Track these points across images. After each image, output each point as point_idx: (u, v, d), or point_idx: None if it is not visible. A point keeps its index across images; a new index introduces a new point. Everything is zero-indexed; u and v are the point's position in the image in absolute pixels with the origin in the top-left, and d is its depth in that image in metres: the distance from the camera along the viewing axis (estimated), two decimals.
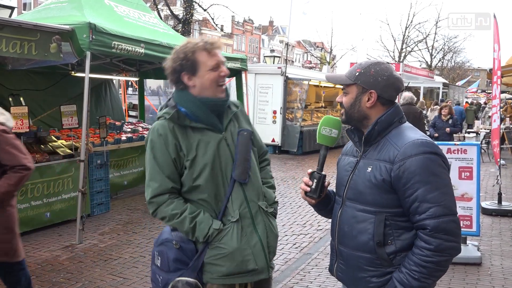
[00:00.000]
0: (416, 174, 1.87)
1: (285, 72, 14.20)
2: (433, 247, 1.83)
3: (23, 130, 5.86)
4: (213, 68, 2.26)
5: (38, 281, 4.52)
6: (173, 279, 2.23)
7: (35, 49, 5.17)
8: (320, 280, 4.77)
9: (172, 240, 2.28)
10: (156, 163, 2.25)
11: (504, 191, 8.27)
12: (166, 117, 2.26)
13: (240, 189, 2.30)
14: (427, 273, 1.85)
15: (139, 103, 10.96)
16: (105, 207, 7.04)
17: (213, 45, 2.27)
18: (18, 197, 5.65)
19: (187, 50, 2.25)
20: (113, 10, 7.05)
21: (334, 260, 2.18)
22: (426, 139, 1.96)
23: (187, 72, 2.26)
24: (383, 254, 1.94)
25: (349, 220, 2.04)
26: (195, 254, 2.26)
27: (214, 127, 2.30)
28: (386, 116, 2.04)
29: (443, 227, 1.83)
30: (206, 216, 2.25)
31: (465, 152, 5.32)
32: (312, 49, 63.84)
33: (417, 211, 1.87)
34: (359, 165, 2.06)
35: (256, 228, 2.32)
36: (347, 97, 2.09)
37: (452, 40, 44.83)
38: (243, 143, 2.33)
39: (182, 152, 2.24)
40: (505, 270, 5.12)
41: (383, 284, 1.95)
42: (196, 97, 2.27)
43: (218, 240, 2.25)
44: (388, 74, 2.06)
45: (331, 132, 2.16)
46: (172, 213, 2.24)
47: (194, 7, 21.75)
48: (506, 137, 13.88)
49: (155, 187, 2.25)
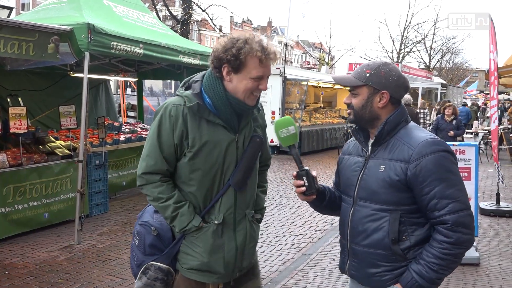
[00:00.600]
0: (433, 172, 1.94)
1: (283, 72, 14.21)
2: (454, 240, 1.92)
3: (22, 131, 5.85)
4: (255, 78, 2.18)
5: (36, 282, 4.51)
6: (147, 262, 2.27)
7: (33, 49, 5.16)
8: (319, 280, 4.77)
9: (151, 225, 2.29)
10: (158, 142, 2.21)
11: (503, 191, 8.28)
12: (185, 103, 2.18)
13: (232, 194, 2.26)
14: (445, 265, 1.94)
15: (138, 103, 10.96)
16: (103, 208, 7.03)
17: (268, 57, 2.17)
18: (16, 198, 5.67)
19: (243, 50, 2.12)
20: (112, 11, 7.04)
21: (346, 258, 2.19)
22: (437, 138, 2.04)
23: (230, 67, 2.16)
24: (397, 250, 2.00)
25: (362, 220, 2.07)
26: (171, 243, 2.28)
27: (230, 126, 2.24)
28: (394, 116, 2.08)
29: (462, 221, 1.93)
30: (189, 210, 2.23)
31: (464, 153, 5.33)
32: (311, 49, 63.85)
33: (436, 208, 1.94)
34: (369, 164, 2.09)
35: (236, 235, 2.29)
36: (357, 99, 2.10)
37: (450, 40, 44.97)
38: (252, 150, 2.29)
39: (187, 141, 2.19)
40: (503, 270, 5.13)
41: (396, 276, 2.01)
42: (227, 93, 2.19)
43: (194, 236, 2.25)
44: (398, 74, 2.10)
45: (289, 131, 2.15)
46: (158, 196, 2.23)
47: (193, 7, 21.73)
48: (504, 138, 13.91)
49: (150, 164, 2.24)
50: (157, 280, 2.26)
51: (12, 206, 5.63)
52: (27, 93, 7.67)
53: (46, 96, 8.30)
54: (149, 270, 2.27)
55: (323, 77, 19.25)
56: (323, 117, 17.87)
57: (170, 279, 2.29)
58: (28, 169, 5.85)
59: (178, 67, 9.15)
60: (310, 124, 15.82)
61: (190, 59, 7.38)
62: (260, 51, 2.14)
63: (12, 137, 6.10)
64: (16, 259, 5.09)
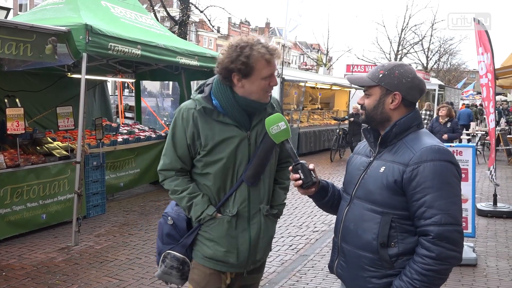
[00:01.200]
0: (428, 180, 1.87)
1: (281, 73, 14.23)
2: (435, 255, 1.83)
3: (19, 132, 5.83)
4: (266, 78, 2.26)
5: (33, 283, 4.50)
6: (165, 251, 2.41)
7: (31, 50, 5.16)
8: (317, 281, 4.77)
9: (169, 216, 2.43)
10: (173, 142, 2.38)
11: (499, 192, 8.30)
12: (196, 107, 2.31)
13: (245, 189, 2.34)
14: (428, 281, 1.84)
15: (136, 104, 10.94)
16: (101, 209, 7.02)
17: (274, 55, 2.25)
18: (14, 199, 5.65)
19: (249, 56, 2.20)
20: (109, 12, 7.04)
21: (335, 256, 2.18)
22: (444, 146, 1.96)
23: (239, 74, 2.24)
24: (385, 256, 1.94)
25: (355, 218, 2.05)
26: (186, 233, 2.40)
27: (241, 125, 2.33)
28: (405, 119, 2.03)
29: (446, 235, 1.83)
30: (204, 200, 2.34)
31: (461, 154, 5.35)
32: (309, 50, 63.94)
33: (423, 216, 1.87)
34: (373, 165, 2.06)
35: (250, 229, 2.38)
36: (369, 99, 2.08)
37: (447, 42, 45.04)
38: (265, 146, 2.34)
39: (199, 141, 2.31)
40: (500, 271, 5.14)
41: (382, 286, 1.95)
42: (235, 96, 2.28)
43: (209, 226, 2.35)
44: (412, 76, 2.06)
45: (279, 127, 2.19)
46: (174, 188, 2.38)
47: (191, 8, 21.71)
48: (501, 139, 13.95)
49: (166, 162, 2.41)
50: (173, 268, 2.40)
51: (9, 207, 5.62)
52: (24, 94, 7.66)
53: (44, 97, 8.29)
54: (166, 259, 2.40)
55: (321, 78, 19.28)
56: (321, 118, 17.90)
57: (186, 269, 2.42)
58: (25, 170, 5.84)
59: (176, 68, 9.15)
60: (308, 125, 15.84)
61: (188, 60, 7.38)
62: (267, 53, 2.23)
63: (9, 138, 6.08)
64: (13, 261, 5.08)
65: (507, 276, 4.99)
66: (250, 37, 2.27)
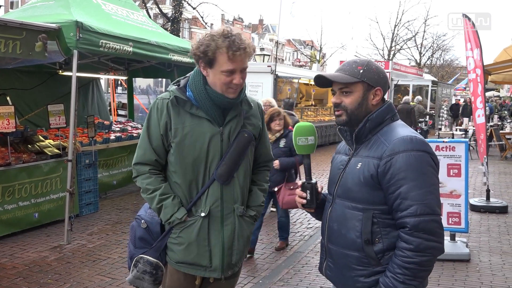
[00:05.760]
0: (401, 171, 1.83)
1: (275, 70, 14.22)
2: (413, 246, 1.80)
3: (10, 130, 5.78)
4: (226, 73, 2.21)
5: (25, 282, 4.47)
6: (137, 255, 2.36)
7: (20, 47, 5.10)
8: (310, 278, 4.77)
9: (142, 219, 2.38)
10: (147, 133, 2.33)
11: (492, 188, 8.34)
12: (170, 97, 2.29)
13: (218, 187, 2.28)
14: (411, 274, 1.81)
15: (128, 102, 10.91)
16: (93, 207, 6.98)
17: (236, 53, 2.17)
18: (5, 198, 5.61)
19: (209, 48, 2.18)
20: (100, 8, 6.98)
21: (323, 258, 2.15)
22: (416, 136, 1.91)
23: (203, 63, 2.24)
24: (371, 253, 1.91)
25: (338, 218, 2.01)
26: (159, 236, 2.34)
27: (214, 119, 2.28)
28: (377, 113, 1.99)
29: (423, 226, 1.79)
30: (174, 202, 2.27)
31: (454, 149, 5.35)
32: (302, 47, 63.90)
33: (399, 208, 1.84)
34: (350, 162, 2.03)
35: (223, 230, 2.30)
36: (351, 97, 1.99)
37: (440, 38, 45.17)
38: (239, 144, 2.30)
39: (171, 132, 2.27)
40: (493, 266, 5.16)
41: (371, 285, 1.92)
42: (206, 86, 2.26)
43: (179, 229, 2.29)
44: (384, 71, 2.07)
45: (307, 140, 2.11)
46: (146, 187, 2.32)
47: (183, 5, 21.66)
48: (494, 134, 14.01)
49: (140, 154, 2.35)
50: (146, 273, 2.33)
51: (1, 206, 5.57)
52: (15, 91, 7.61)
53: (35, 95, 8.23)
54: (139, 263, 2.34)
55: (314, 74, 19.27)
56: (315, 114, 17.90)
57: (160, 273, 2.35)
58: (17, 168, 5.79)
59: (168, 65, 9.11)
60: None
61: (180, 57, 7.35)
62: (226, 47, 2.17)
63: (0, 137, 6.03)
64: (5, 260, 5.04)
65: (500, 271, 5.01)
66: (227, 29, 2.23)
